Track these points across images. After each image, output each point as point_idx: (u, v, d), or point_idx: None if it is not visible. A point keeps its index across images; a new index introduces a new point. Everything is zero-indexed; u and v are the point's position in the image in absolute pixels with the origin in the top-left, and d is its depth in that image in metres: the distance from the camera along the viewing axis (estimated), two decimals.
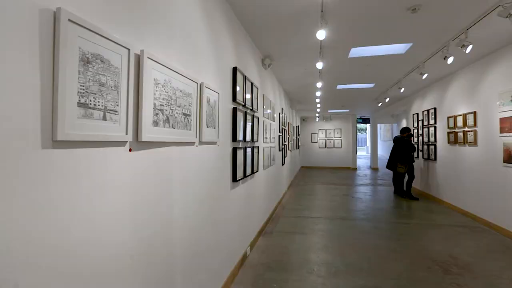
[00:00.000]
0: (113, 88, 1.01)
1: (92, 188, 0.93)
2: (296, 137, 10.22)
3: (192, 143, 1.67)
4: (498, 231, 3.77)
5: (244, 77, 2.77)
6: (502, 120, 3.71)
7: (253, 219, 3.30)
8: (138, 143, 1.17)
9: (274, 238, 3.52)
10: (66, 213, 0.84)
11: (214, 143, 2.03)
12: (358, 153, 18.36)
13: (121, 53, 1.04)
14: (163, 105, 1.31)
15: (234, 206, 2.54)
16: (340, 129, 12.91)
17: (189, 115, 1.60)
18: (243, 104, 2.70)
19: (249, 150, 2.92)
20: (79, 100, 0.87)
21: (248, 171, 2.89)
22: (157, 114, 1.27)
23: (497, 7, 2.52)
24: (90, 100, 0.91)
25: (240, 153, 2.60)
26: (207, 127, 1.86)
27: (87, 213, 0.91)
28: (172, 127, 1.41)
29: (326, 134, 13.05)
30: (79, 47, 0.87)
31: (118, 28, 1.05)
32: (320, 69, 4.50)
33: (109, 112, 0.99)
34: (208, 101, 1.87)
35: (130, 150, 1.12)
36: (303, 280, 2.44)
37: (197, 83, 1.69)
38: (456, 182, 5.00)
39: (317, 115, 12.04)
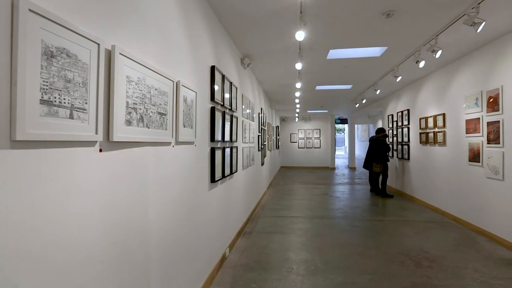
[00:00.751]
0: (81, 85, 0.95)
1: (58, 190, 0.87)
2: (276, 137, 10.30)
3: (168, 143, 1.62)
4: (464, 225, 4.00)
5: (223, 76, 2.74)
6: (467, 121, 3.95)
7: (232, 219, 3.28)
8: (109, 143, 1.12)
9: (253, 238, 3.51)
10: (27, 217, 0.78)
11: (191, 143, 1.99)
12: (337, 153, 18.85)
13: (89, 48, 0.98)
14: (136, 104, 1.26)
15: (212, 207, 2.50)
16: (319, 129, 13.17)
17: (165, 115, 1.55)
18: (222, 103, 2.67)
19: (227, 150, 2.90)
20: (42, 97, 0.81)
21: (227, 171, 2.86)
22: (130, 113, 1.21)
23: (462, 16, 2.68)
24: (55, 97, 0.85)
25: (218, 153, 2.56)
26: (184, 126, 1.81)
27: (52, 216, 0.85)
28: (147, 127, 1.36)
29: (305, 134, 13.26)
30: (41, 40, 0.81)
31: (86, 21, 0.99)
32: (299, 70, 4.57)
33: (76, 110, 0.93)
34: (185, 100, 1.83)
35: (100, 150, 1.06)
36: (282, 279, 2.45)
37: (173, 82, 1.65)
38: (427, 180, 5.26)
39: (297, 115, 12.20)
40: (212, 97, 2.44)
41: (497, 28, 3.03)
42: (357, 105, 8.76)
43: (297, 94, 6.79)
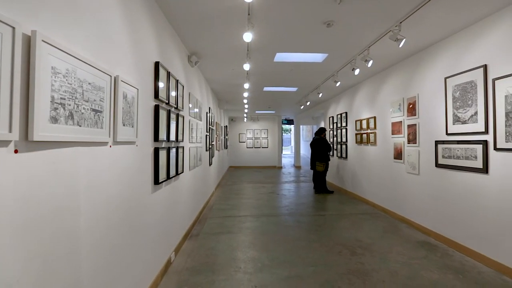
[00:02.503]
0: None
1: None
2: (224, 137, 10.25)
3: (104, 143, 1.48)
4: (390, 215, 4.54)
5: (168, 73, 2.61)
6: (393, 124, 4.50)
7: (178, 222, 3.16)
8: (28, 143, 0.97)
9: (200, 240, 3.44)
10: None
11: (132, 143, 1.85)
12: (283, 152, 19.63)
13: (1, 31, 0.83)
14: (65, 99, 1.12)
15: (156, 211, 2.37)
16: (267, 129, 13.54)
17: (101, 112, 1.41)
18: (167, 101, 2.55)
19: (173, 151, 2.78)
20: None
21: (172, 172, 2.74)
22: (56, 109, 1.07)
23: (388, 32, 3.03)
24: None
25: (163, 154, 2.44)
26: (124, 125, 1.68)
27: None
28: (78, 125, 1.22)
29: (253, 134, 13.49)
30: None
31: None
32: (247, 71, 4.62)
33: None
34: (125, 97, 1.69)
35: (16, 151, 0.92)
36: (230, 279, 2.45)
37: (111, 76, 1.51)
38: (361, 176, 5.83)
39: (245, 115, 12.34)
40: (156, 95, 2.31)
41: (415, 44, 3.51)
42: (302, 107, 9.25)
43: (246, 94, 6.86)
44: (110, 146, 1.55)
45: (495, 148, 2.63)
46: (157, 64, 2.34)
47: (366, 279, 2.46)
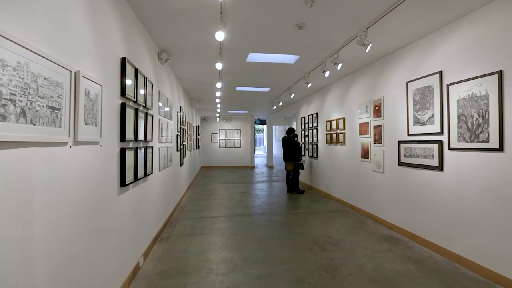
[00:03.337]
0: None
1: None
2: (196, 137, 10.08)
3: (63, 143, 1.38)
4: (358, 211, 4.75)
5: (136, 70, 2.50)
6: (360, 125, 4.71)
7: (147, 225, 3.04)
8: None
9: (171, 243, 3.34)
10: None
11: (95, 143, 1.74)
12: (256, 152, 19.72)
13: None
14: (15, 95, 1.02)
15: (123, 214, 2.26)
16: (240, 129, 13.52)
17: (59, 109, 1.31)
18: (135, 100, 2.44)
19: (141, 151, 2.67)
20: None
21: (141, 173, 2.63)
22: (5, 105, 0.97)
23: (356, 37, 3.17)
24: None
25: (130, 154, 2.33)
26: (86, 124, 1.57)
27: None
28: (32, 123, 1.12)
29: (226, 134, 13.41)
30: None
31: None
32: (219, 70, 4.57)
33: None
34: (87, 94, 1.59)
35: None
36: (201, 282, 2.41)
37: (71, 71, 1.41)
38: (331, 175, 6.03)
39: (218, 115, 12.23)
40: (123, 93, 2.20)
41: (380, 50, 3.70)
42: (274, 107, 9.35)
43: (218, 94, 6.79)
44: (70, 147, 1.44)
45: (449, 148, 2.86)
46: (123, 60, 2.23)
47: (335, 274, 2.55)
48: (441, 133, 2.97)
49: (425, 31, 3.09)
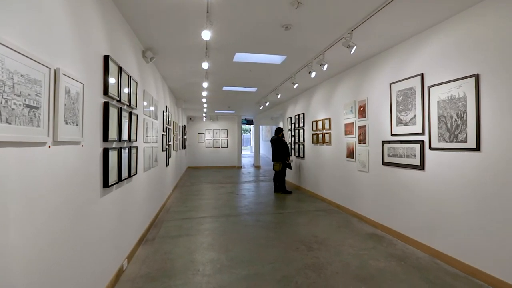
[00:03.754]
0: None
1: None
2: (182, 137, 9.95)
3: (41, 143, 1.32)
4: (344, 211, 4.84)
5: (120, 68, 2.44)
6: (346, 125, 4.79)
7: (132, 227, 2.97)
8: None
9: (156, 244, 3.28)
10: None
11: (77, 143, 1.68)
12: (243, 152, 19.71)
13: None
14: None
15: (106, 216, 2.19)
16: (226, 129, 13.46)
17: (37, 108, 1.26)
18: (118, 98, 2.38)
19: (125, 151, 2.60)
20: None
21: (124, 174, 2.57)
22: None
23: (341, 39, 3.22)
24: None
25: (113, 155, 2.27)
26: (66, 123, 1.52)
27: None
28: (7, 122, 1.06)
29: (213, 134, 13.31)
30: None
31: None
32: (206, 69, 4.53)
33: None
34: (68, 92, 1.53)
35: None
36: (187, 283, 2.38)
37: (50, 68, 1.35)
38: (318, 175, 6.10)
39: (204, 115, 12.12)
40: (106, 91, 2.14)
41: (365, 51, 3.78)
42: (261, 107, 9.37)
43: (205, 93, 6.73)
44: (50, 147, 1.39)
45: (430, 147, 2.96)
46: (106, 58, 2.16)
47: (321, 272, 2.58)
48: (423, 133, 3.07)
49: (408, 34, 3.19)
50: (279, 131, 6.76)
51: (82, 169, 1.76)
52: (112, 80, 2.25)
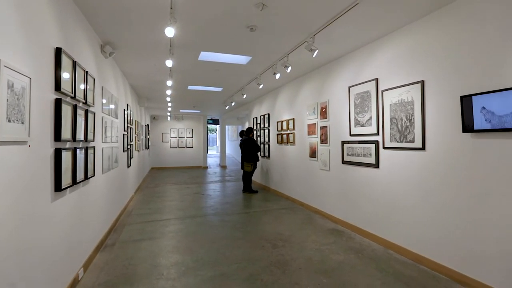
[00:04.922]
0: None
1: None
2: (146, 137, 9.54)
3: None
4: (307, 208, 5.02)
5: (74, 63, 2.27)
6: (309, 125, 4.98)
7: (89, 233, 2.78)
8: None
9: (116, 250, 3.11)
10: None
11: (22, 143, 1.54)
12: (209, 152, 19.45)
13: None
14: None
15: (58, 222, 2.03)
16: (192, 129, 13.17)
17: None
18: (72, 95, 2.21)
19: (81, 152, 2.43)
20: None
21: (80, 176, 2.40)
22: None
23: (304, 42, 3.35)
24: None
25: (67, 156, 2.11)
26: (9, 121, 1.38)
27: None
28: None
29: (178, 134, 12.95)
30: None
31: None
32: (170, 67, 4.41)
33: None
34: (11, 87, 1.39)
35: None
36: None
37: None
38: (282, 174, 6.25)
39: (169, 114, 11.74)
40: (58, 87, 1.98)
41: (326, 55, 3.97)
42: (227, 107, 9.33)
43: (169, 92, 6.53)
44: None
45: (384, 147, 3.21)
46: (58, 51, 2.00)
47: (285, 269, 2.66)
48: (377, 133, 3.31)
49: (365, 40, 3.41)
50: (249, 131, 6.67)
51: (28, 171, 1.61)
52: (65, 75, 2.09)
